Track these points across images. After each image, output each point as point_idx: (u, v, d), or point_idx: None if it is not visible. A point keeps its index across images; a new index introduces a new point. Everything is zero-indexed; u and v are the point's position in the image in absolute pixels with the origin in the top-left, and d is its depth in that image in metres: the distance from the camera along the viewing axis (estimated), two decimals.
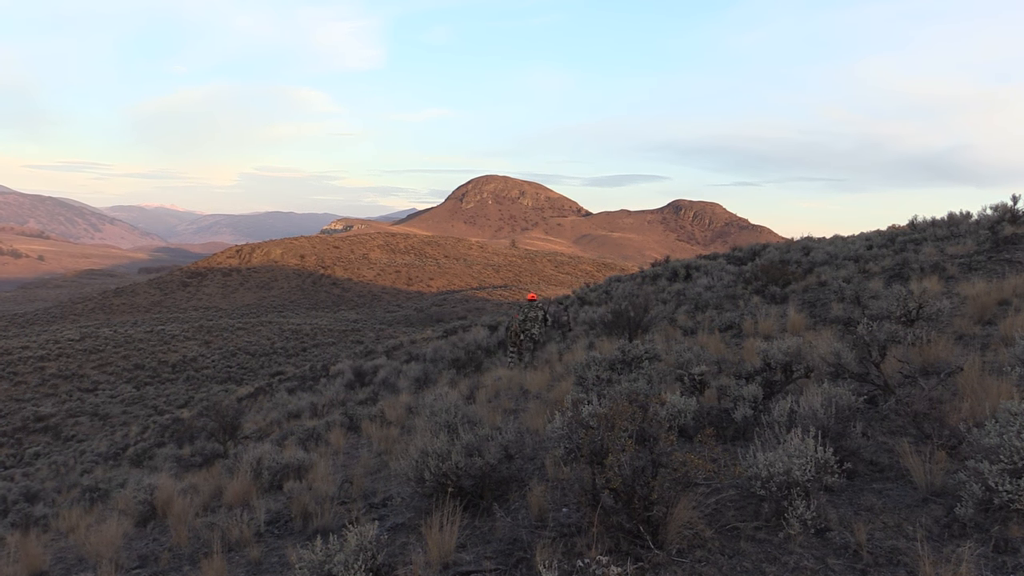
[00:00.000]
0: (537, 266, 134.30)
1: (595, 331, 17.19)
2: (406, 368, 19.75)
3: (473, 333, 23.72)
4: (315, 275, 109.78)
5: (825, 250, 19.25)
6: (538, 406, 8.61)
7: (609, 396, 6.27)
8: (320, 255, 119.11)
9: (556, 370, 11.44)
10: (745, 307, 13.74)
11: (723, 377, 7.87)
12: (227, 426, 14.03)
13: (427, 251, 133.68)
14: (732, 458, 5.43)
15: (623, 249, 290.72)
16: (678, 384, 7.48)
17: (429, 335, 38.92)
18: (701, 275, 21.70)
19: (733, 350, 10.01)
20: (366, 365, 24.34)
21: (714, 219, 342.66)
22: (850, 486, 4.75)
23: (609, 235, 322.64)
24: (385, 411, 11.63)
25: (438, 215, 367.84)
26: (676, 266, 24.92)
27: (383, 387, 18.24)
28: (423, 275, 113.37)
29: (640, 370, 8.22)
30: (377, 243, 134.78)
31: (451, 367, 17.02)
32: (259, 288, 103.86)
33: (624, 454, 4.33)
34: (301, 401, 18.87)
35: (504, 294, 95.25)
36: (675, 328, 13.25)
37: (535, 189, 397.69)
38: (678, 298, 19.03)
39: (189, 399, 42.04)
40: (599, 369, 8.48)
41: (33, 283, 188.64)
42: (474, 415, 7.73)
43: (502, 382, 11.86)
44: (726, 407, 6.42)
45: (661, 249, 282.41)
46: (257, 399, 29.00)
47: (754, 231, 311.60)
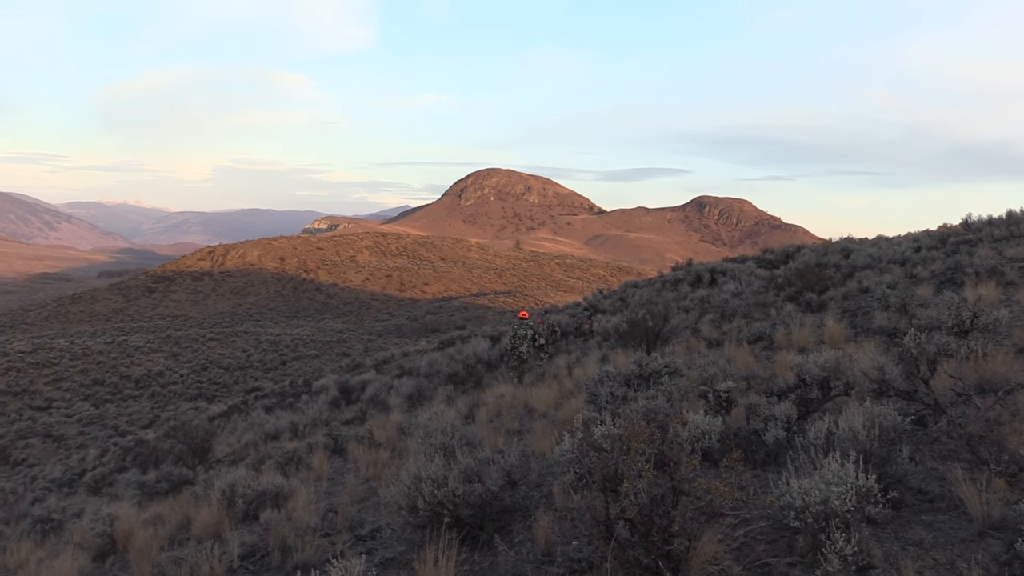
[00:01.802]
0: (544, 270, 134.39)
1: (609, 342, 17.18)
2: (397, 384, 19.72)
3: (473, 345, 23.72)
4: (296, 280, 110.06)
5: (867, 252, 19.22)
6: (545, 427, 8.60)
7: (624, 415, 6.27)
8: (302, 257, 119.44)
9: (565, 386, 11.43)
10: (777, 316, 13.72)
11: (752, 394, 7.85)
12: (197, 449, 14.06)
13: (421, 253, 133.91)
14: (763, 485, 5.42)
15: (640, 251, 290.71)
16: (702, 402, 7.47)
17: (423, 347, 38.93)
18: (728, 280, 21.68)
19: (764, 364, 9.99)
20: (353, 380, 24.33)
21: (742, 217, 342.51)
22: (896, 517, 4.74)
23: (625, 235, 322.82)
24: (374, 432, 11.63)
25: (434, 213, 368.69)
26: (700, 270, 24.91)
27: (372, 405, 18.21)
28: (417, 280, 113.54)
29: (659, 386, 8.21)
30: (366, 244, 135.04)
31: (448, 383, 17.03)
32: (234, 294, 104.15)
33: (641, 480, 4.33)
34: (280, 421, 18.88)
35: (507, 301, 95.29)
36: (698, 339, 13.24)
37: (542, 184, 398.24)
38: (702, 306, 19.00)
39: (154, 418, 42.10)
40: (613, 385, 8.47)
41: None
42: (473, 437, 7.73)
43: (505, 400, 11.85)
44: (756, 428, 6.41)
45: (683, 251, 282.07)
46: (231, 418, 29.02)
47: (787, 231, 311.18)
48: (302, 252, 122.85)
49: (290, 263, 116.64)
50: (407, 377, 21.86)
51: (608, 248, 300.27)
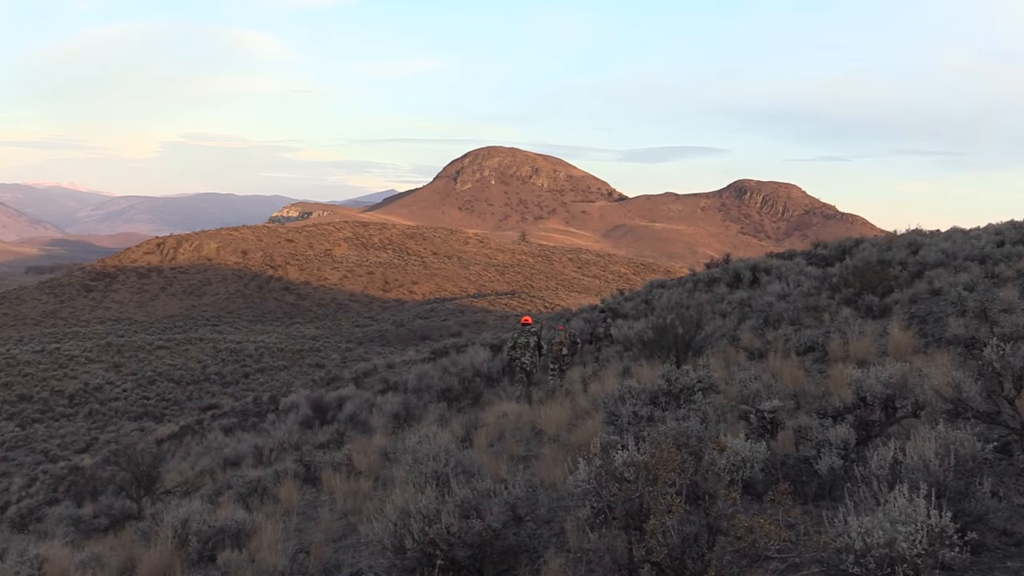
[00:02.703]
0: (555, 267, 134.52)
1: (631, 353, 17.18)
2: (381, 400, 19.75)
3: (470, 355, 23.77)
4: (261, 277, 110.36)
5: (939, 247, 19.20)
6: (556, 452, 8.61)
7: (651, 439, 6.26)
8: (269, 251, 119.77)
9: (579, 404, 11.44)
10: (831, 323, 13.71)
11: (802, 415, 7.85)
12: (142, 477, 14.10)
13: (410, 246, 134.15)
14: (815, 523, 5.42)
15: (668, 244, 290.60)
16: (742, 424, 7.47)
17: (412, 357, 39.00)
18: (773, 280, 21.68)
19: (815, 380, 9.97)
20: (328, 397, 24.38)
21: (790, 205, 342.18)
22: (976, 563, 4.72)
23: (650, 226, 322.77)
24: (353, 457, 11.66)
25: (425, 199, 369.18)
26: (739, 268, 24.90)
27: (350, 426, 18.24)
28: (404, 278, 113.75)
29: (691, 405, 8.22)
30: (344, 235, 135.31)
31: (440, 400, 17.07)
32: (187, 294, 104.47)
33: (671, 517, 4.33)
34: (242, 444, 18.93)
35: (511, 303, 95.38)
36: (738, 350, 13.23)
37: (552, 165, 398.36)
38: (742, 310, 18.98)
39: (92, 441, 42.25)
40: (637, 403, 8.47)
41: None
42: (471, 464, 7.74)
43: (508, 420, 11.87)
44: (806, 455, 6.40)
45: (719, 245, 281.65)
46: (183, 441, 29.12)
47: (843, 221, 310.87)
48: (268, 245, 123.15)
49: (254, 258, 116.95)
50: (392, 393, 21.88)
51: (630, 241, 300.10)
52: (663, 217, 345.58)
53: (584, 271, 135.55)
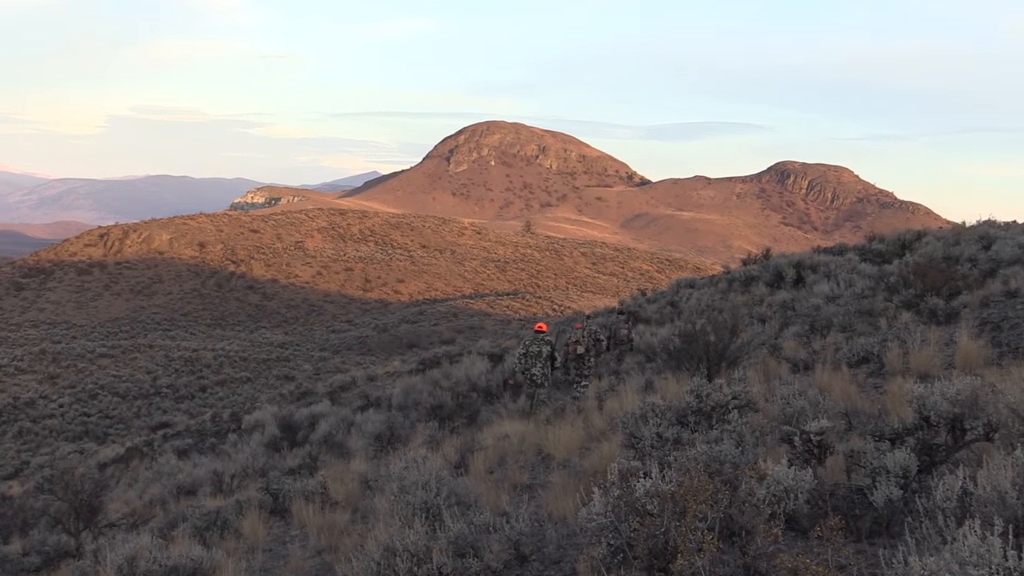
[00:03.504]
0: (565, 262, 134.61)
1: (654, 364, 17.18)
2: (361, 419, 19.78)
3: (465, 366, 23.82)
4: (222, 274, 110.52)
5: (1017, 241, 19.17)
6: (566, 480, 8.62)
7: (678, 465, 6.27)
8: (230, 243, 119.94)
9: (594, 424, 11.45)
10: (889, 329, 13.71)
11: (855, 438, 7.85)
12: (82, 508, 14.10)
13: (395, 238, 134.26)
14: (870, 564, 5.42)
15: (698, 237, 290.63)
16: (784, 448, 7.47)
17: (397, 368, 38.98)
18: (820, 279, 21.68)
19: (870, 396, 9.97)
20: (299, 414, 24.41)
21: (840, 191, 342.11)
22: None
23: (677, 215, 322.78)
24: (329, 485, 11.68)
25: (412, 183, 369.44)
26: (781, 264, 24.91)
27: (325, 448, 18.27)
28: (389, 275, 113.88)
29: (725, 425, 8.23)
30: (318, 225, 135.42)
31: (431, 418, 17.09)
32: (135, 294, 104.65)
33: (701, 556, 4.33)
34: (199, 469, 18.97)
35: (514, 305, 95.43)
36: (779, 360, 13.23)
37: (562, 143, 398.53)
38: (784, 314, 18.98)
39: (21, 465, 42.31)
40: (661, 423, 8.48)
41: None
42: (467, 493, 7.74)
43: (510, 442, 11.88)
44: (860, 485, 6.40)
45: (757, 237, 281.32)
46: (130, 465, 29.16)
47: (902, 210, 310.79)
48: (230, 236, 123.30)
49: (213, 251, 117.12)
50: (374, 410, 21.88)
51: (653, 233, 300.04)
52: (692, 205, 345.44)
53: (599, 268, 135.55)
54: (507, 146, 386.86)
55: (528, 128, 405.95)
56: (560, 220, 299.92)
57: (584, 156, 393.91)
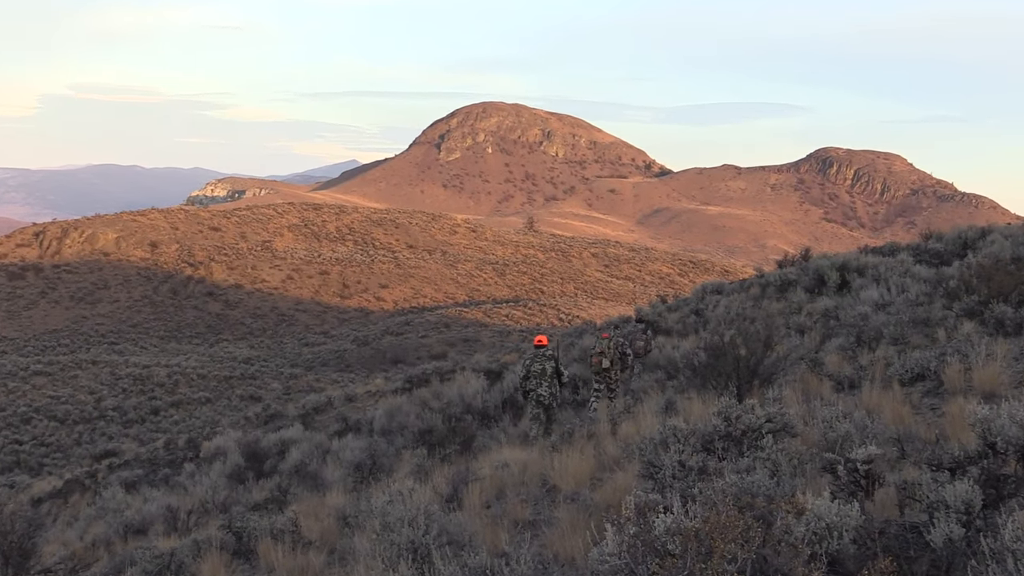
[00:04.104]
0: (573, 265, 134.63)
1: (676, 382, 17.16)
2: (338, 445, 19.75)
3: (458, 384, 23.81)
4: (177, 279, 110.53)
5: None
6: (575, 515, 8.61)
7: (703, 499, 6.26)
8: (187, 243, 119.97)
9: (607, 450, 11.44)
10: (948, 341, 13.69)
11: (908, 467, 7.84)
12: (12, 551, 14.07)
13: (377, 237, 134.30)
14: None
15: (727, 235, 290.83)
16: (827, 479, 7.47)
17: (379, 386, 38.85)
18: (868, 283, 21.67)
19: (926, 419, 9.96)
20: (267, 440, 24.35)
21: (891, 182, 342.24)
22: None
23: (702, 210, 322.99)
24: (301, 522, 11.67)
25: (397, 173, 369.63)
26: (823, 266, 24.88)
27: (297, 479, 18.24)
28: (370, 280, 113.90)
29: (758, 452, 8.22)
30: (288, 222, 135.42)
31: (419, 444, 17.10)
32: (76, 301, 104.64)
33: None
34: (150, 504, 18.91)
35: (515, 314, 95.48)
36: (820, 378, 13.21)
37: (570, 128, 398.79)
38: (826, 324, 18.95)
39: None
40: (684, 450, 8.46)
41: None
42: (460, 531, 7.73)
43: (510, 472, 11.87)
44: (915, 521, 6.39)
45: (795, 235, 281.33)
46: (69, 501, 29.09)
47: (964, 204, 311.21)
48: (187, 235, 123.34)
49: (167, 252, 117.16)
50: (353, 435, 21.83)
51: (675, 230, 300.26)
52: (720, 198, 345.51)
53: (613, 271, 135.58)
54: (506, 131, 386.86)
55: (530, 110, 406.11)
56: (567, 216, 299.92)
57: (595, 142, 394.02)
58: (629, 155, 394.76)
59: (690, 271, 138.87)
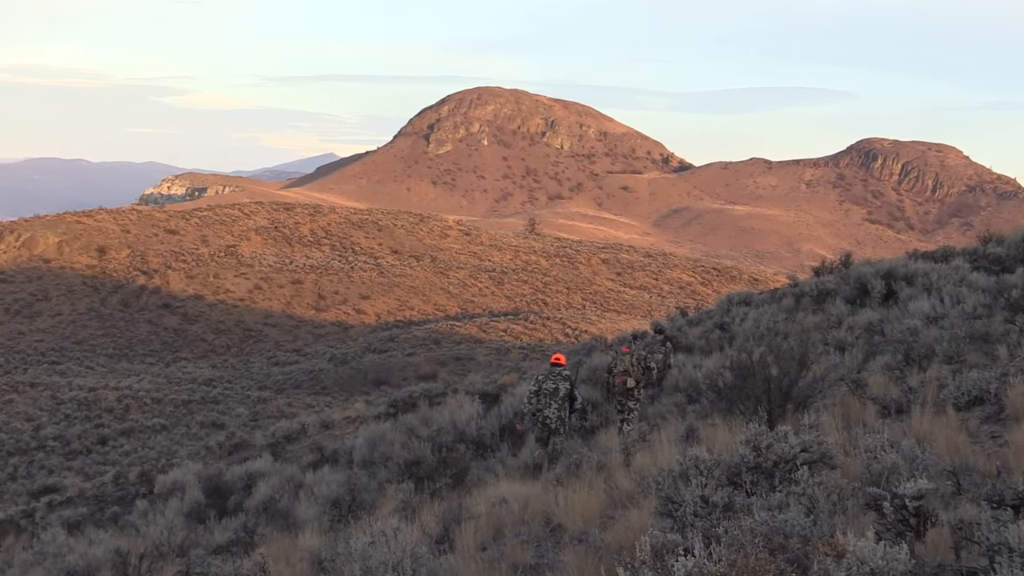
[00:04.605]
0: (580, 272, 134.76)
1: (698, 406, 17.14)
2: (312, 479, 19.75)
3: (450, 408, 23.82)
4: (128, 288, 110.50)
5: None
6: (582, 559, 8.61)
7: (729, 539, 6.24)
8: (139, 248, 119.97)
9: (619, 484, 11.43)
10: (1011, 360, 13.67)
11: (965, 504, 7.82)
12: None
13: (358, 241, 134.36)
14: None
15: (756, 238, 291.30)
16: (870, 516, 7.46)
17: (360, 411, 38.79)
18: (918, 293, 21.68)
19: (985, 448, 9.95)
20: (231, 473, 24.33)
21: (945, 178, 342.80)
22: None
23: (727, 210, 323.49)
24: (270, 567, 11.67)
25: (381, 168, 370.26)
26: (866, 274, 24.91)
27: (266, 517, 18.25)
28: (349, 290, 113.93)
29: (792, 486, 8.21)
30: (257, 224, 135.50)
31: (405, 477, 17.07)
32: (11, 314, 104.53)
33: None
34: (96, 548, 18.87)
35: (513, 329, 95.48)
36: (863, 401, 13.20)
37: (577, 116, 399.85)
38: (870, 340, 18.95)
39: None
40: (708, 483, 8.44)
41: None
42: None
43: (510, 509, 11.86)
44: (972, 567, 6.37)
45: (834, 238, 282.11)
46: (2, 544, 29.02)
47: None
48: (139, 238, 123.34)
49: (117, 259, 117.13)
50: (330, 467, 21.85)
51: (697, 233, 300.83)
52: (747, 196, 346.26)
53: (626, 279, 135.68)
54: (504, 120, 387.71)
55: (532, 96, 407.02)
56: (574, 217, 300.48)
57: (605, 133, 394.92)
58: (644, 147, 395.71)
59: (714, 280, 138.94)
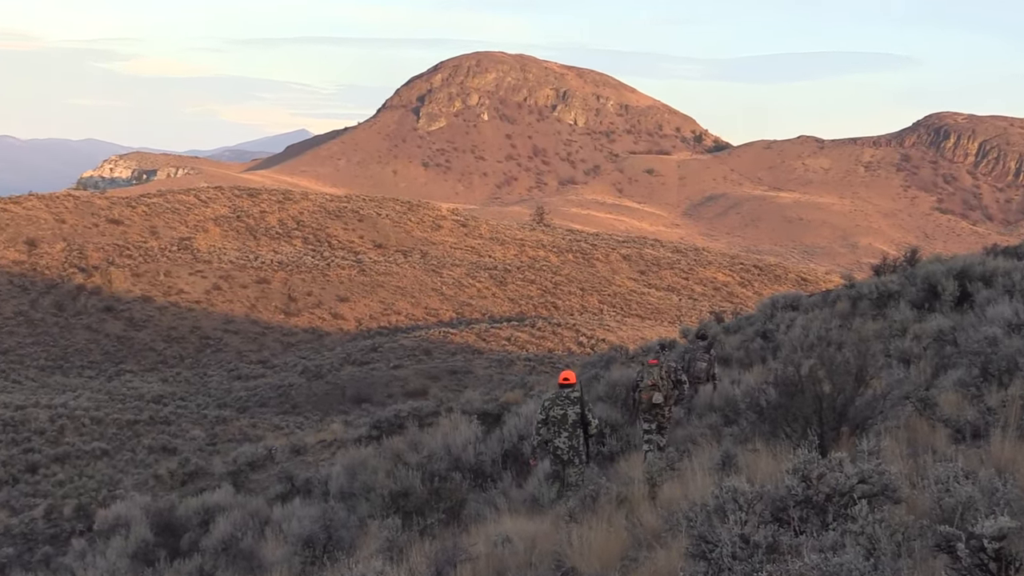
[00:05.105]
0: (597, 270, 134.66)
1: (736, 428, 17.13)
2: (281, 513, 19.78)
3: (443, 431, 23.83)
4: (63, 288, 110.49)
5: None
6: None
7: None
8: (77, 241, 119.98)
9: (642, 519, 11.45)
10: None
11: None
12: None
13: (335, 233, 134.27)
14: None
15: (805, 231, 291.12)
16: (942, 560, 7.47)
17: (338, 434, 38.70)
18: (998, 296, 21.65)
19: None
20: (185, 507, 24.32)
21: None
22: None
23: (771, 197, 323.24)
24: None
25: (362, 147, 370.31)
26: (935, 273, 24.90)
27: (225, 559, 18.30)
28: (325, 291, 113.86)
29: (849, 524, 8.21)
30: (216, 213, 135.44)
31: (391, 511, 17.08)
32: None
33: None
34: None
35: (518, 337, 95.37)
36: (932, 423, 13.21)
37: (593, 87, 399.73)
38: (940, 351, 18.94)
39: None
40: (749, 520, 8.46)
41: None
42: None
43: (513, 549, 11.90)
44: None
45: (897, 231, 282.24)
46: None
47: None
48: (77, 230, 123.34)
49: (50, 253, 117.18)
50: (302, 499, 21.84)
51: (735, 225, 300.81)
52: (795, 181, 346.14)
53: (650, 278, 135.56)
54: (508, 91, 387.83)
55: (540, 63, 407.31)
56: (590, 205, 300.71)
57: (627, 106, 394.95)
58: (672, 123, 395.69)
59: (755, 279, 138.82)
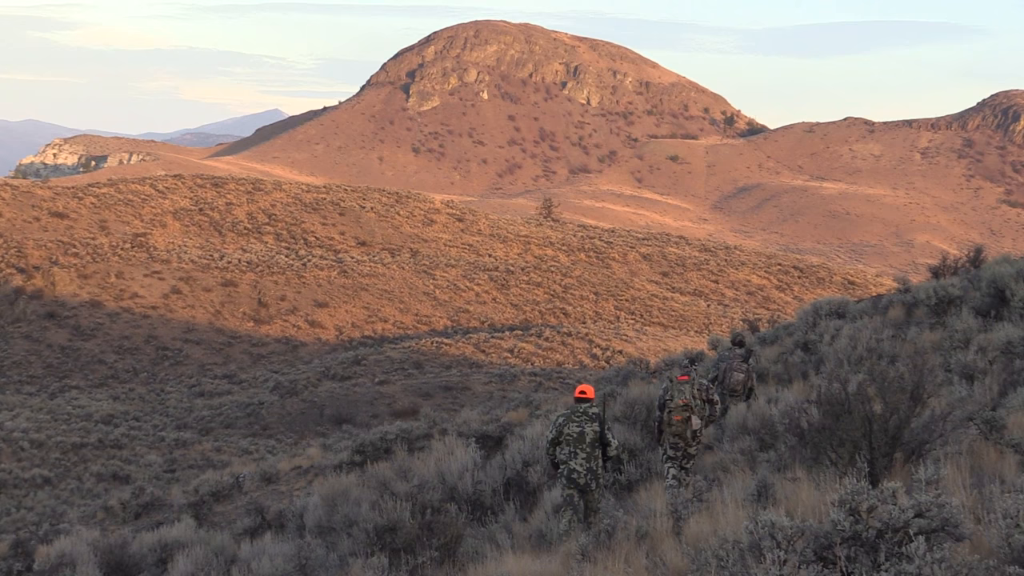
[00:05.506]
0: (613, 272, 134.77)
1: (773, 454, 17.15)
2: (250, 551, 19.84)
3: (438, 455, 23.90)
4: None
5: None
6: None
7: None
8: (14, 237, 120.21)
9: (666, 558, 11.48)
10: None
11: None
12: None
13: (312, 228, 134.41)
14: None
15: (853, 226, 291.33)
16: None
17: (315, 459, 38.76)
18: None
19: None
20: (139, 543, 24.33)
21: None
22: None
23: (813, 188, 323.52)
24: None
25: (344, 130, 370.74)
26: (1003, 276, 24.89)
27: None
28: (300, 295, 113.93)
29: (904, 564, 8.22)
30: (175, 205, 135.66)
31: (375, 548, 17.14)
32: None
33: None
34: None
35: (523, 348, 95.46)
36: (1000, 448, 13.22)
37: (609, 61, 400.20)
38: (1008, 364, 18.95)
39: None
40: (788, 560, 8.45)
41: None
42: None
43: None
44: None
45: (958, 227, 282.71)
46: None
47: None
48: (14, 224, 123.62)
49: None
50: (274, 535, 21.88)
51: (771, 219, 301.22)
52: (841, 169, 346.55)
53: (674, 281, 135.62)
54: (511, 66, 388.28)
55: (548, 34, 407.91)
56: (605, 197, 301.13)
57: (648, 83, 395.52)
58: (700, 103, 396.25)
59: (795, 282, 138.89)
